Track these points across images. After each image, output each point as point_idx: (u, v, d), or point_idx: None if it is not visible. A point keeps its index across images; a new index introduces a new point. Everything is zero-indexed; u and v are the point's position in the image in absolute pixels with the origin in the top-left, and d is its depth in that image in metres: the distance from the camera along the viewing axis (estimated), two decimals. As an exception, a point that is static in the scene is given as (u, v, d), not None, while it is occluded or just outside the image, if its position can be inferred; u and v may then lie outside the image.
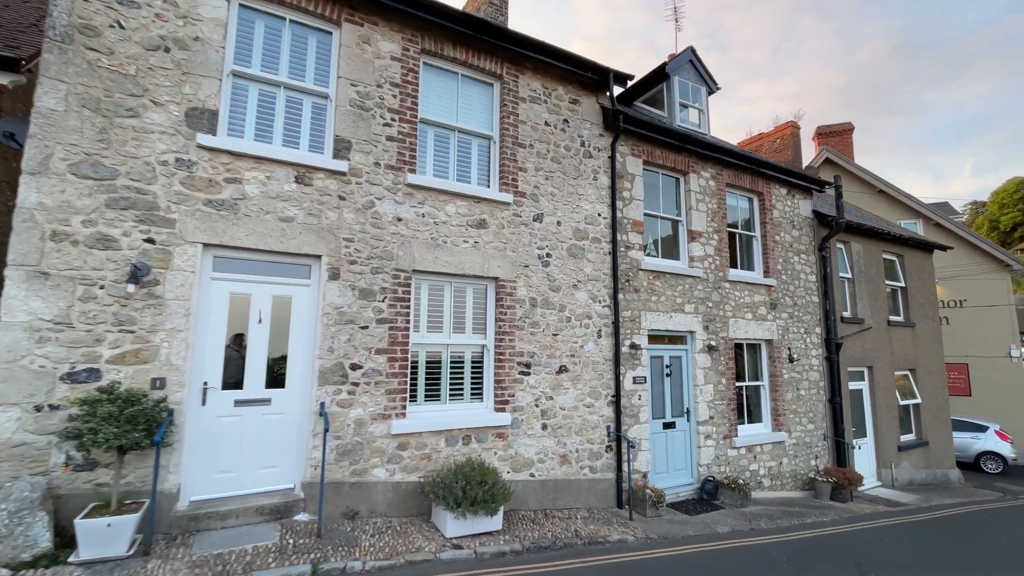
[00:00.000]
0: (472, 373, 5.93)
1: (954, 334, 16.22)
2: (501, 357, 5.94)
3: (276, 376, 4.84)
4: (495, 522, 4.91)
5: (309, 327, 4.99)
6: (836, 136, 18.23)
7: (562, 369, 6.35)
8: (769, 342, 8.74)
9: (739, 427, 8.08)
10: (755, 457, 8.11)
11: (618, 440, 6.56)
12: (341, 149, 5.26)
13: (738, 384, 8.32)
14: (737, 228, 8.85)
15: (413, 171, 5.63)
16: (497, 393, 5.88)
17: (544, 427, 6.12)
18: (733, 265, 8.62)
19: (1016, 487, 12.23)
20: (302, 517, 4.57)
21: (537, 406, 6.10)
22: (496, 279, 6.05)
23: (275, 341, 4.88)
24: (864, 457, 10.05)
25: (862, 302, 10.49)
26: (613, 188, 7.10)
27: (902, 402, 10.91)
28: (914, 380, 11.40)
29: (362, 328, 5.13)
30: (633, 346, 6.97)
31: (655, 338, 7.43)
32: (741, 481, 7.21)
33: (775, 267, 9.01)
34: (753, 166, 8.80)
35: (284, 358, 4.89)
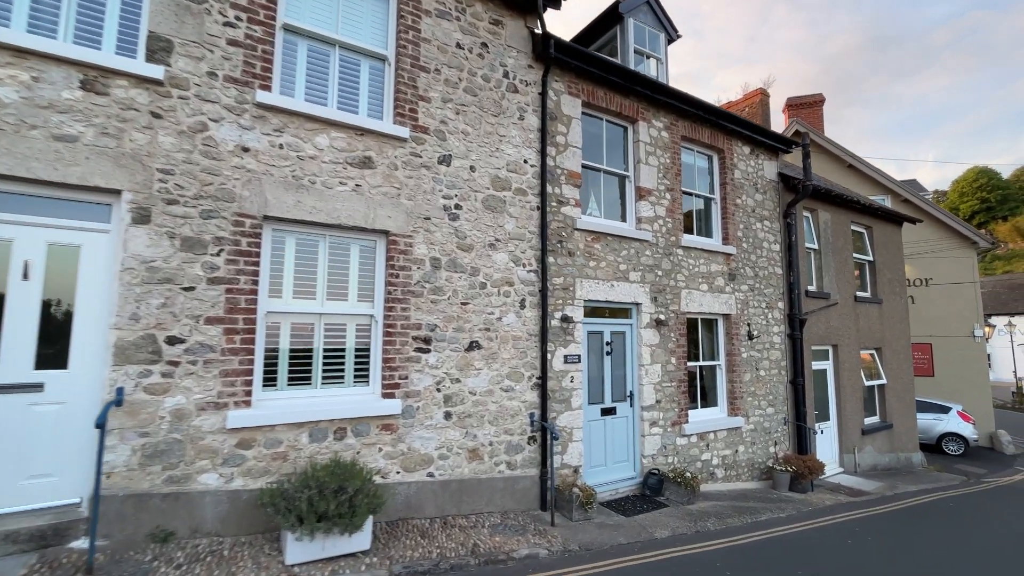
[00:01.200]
0: (357, 351, 4.74)
1: (919, 313, 15.81)
2: (392, 330, 4.76)
3: (53, 354, 3.55)
4: (360, 540, 3.79)
5: (107, 287, 3.69)
6: (806, 108, 17.45)
7: (473, 346, 5.21)
8: (727, 317, 7.81)
9: (690, 412, 7.15)
10: (708, 445, 7.21)
11: (543, 430, 5.51)
12: (157, 51, 3.91)
13: (690, 364, 7.37)
14: (693, 189, 7.82)
15: (268, 88, 4.33)
16: (386, 375, 4.71)
17: (448, 416, 4.99)
18: (688, 230, 7.60)
19: (977, 469, 11.83)
20: (80, 544, 3.35)
21: (439, 391, 4.97)
22: (386, 233, 4.83)
23: (52, 306, 3.58)
24: (826, 442, 9.34)
25: (828, 276, 9.69)
26: (544, 131, 5.92)
27: (867, 383, 10.23)
28: (880, 360, 10.75)
29: (185, 290, 3.86)
30: (565, 319, 5.89)
31: (594, 311, 6.37)
32: (689, 474, 6.28)
33: (735, 234, 8.04)
34: (713, 117, 7.74)
35: (66, 329, 3.60)
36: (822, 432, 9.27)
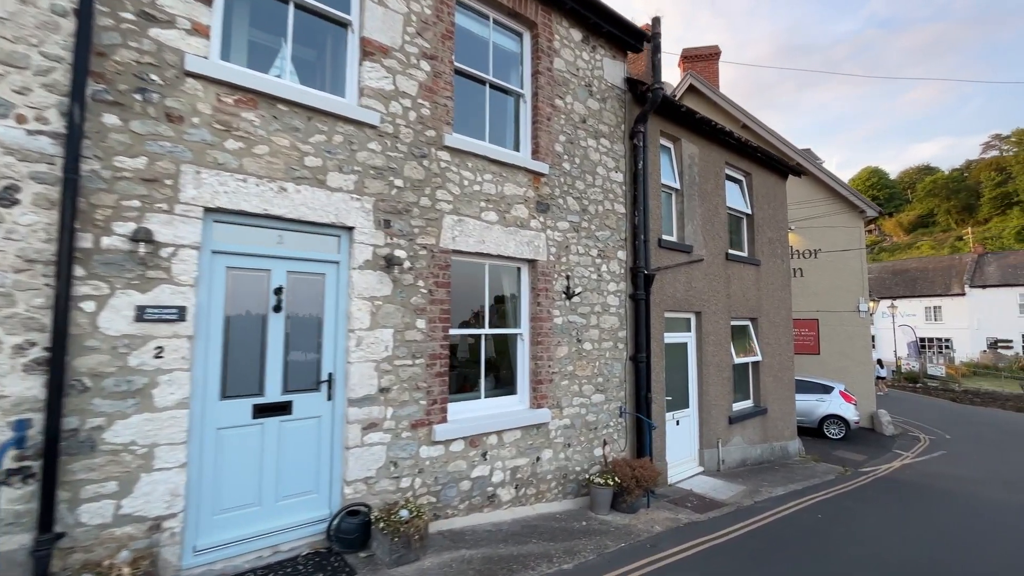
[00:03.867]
0: None
1: (807, 287, 14.73)
2: None
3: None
4: None
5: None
6: (702, 61, 15.77)
7: None
8: (532, 264, 5.36)
9: (452, 406, 4.62)
10: (485, 455, 4.73)
11: (47, 455, 2.67)
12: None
13: (462, 332, 4.85)
14: (484, 73, 5.24)
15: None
16: None
17: None
18: (466, 130, 5.01)
19: (855, 455, 10.59)
20: None
21: None
22: None
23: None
24: (684, 435, 7.31)
25: (692, 225, 7.61)
26: None
27: (737, 360, 8.39)
28: (755, 332, 8.98)
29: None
30: (141, 239, 3.04)
31: (243, 231, 3.59)
32: (406, 512, 3.70)
33: (551, 147, 5.59)
34: (513, -34, 5.19)
35: None
36: (678, 423, 7.22)
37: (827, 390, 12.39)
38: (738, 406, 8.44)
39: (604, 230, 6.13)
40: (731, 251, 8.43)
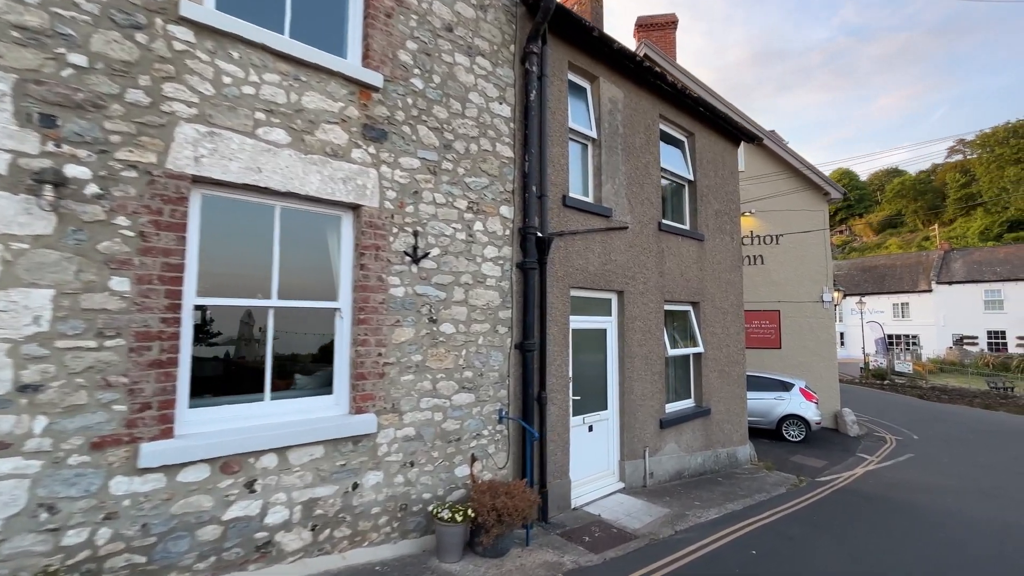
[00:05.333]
0: None
1: (768, 275, 13.56)
2: None
3: None
4: None
5: None
6: (658, 30, 14.49)
7: None
8: (356, 212, 3.83)
9: (196, 412, 3.06)
10: (252, 485, 3.16)
11: None
12: None
13: (213, 302, 3.29)
14: (283, -64, 3.68)
15: None
16: None
17: None
18: (245, 8, 3.44)
19: (814, 460, 9.37)
20: None
21: None
22: None
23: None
24: (599, 444, 5.88)
25: (613, 184, 6.19)
26: None
27: (672, 351, 7.00)
28: (697, 319, 7.62)
29: None
30: None
31: None
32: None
33: (392, 55, 4.06)
34: None
35: None
36: (591, 429, 5.78)
37: (787, 387, 11.18)
38: (674, 407, 7.05)
39: (479, 176, 4.64)
40: (666, 221, 7.04)
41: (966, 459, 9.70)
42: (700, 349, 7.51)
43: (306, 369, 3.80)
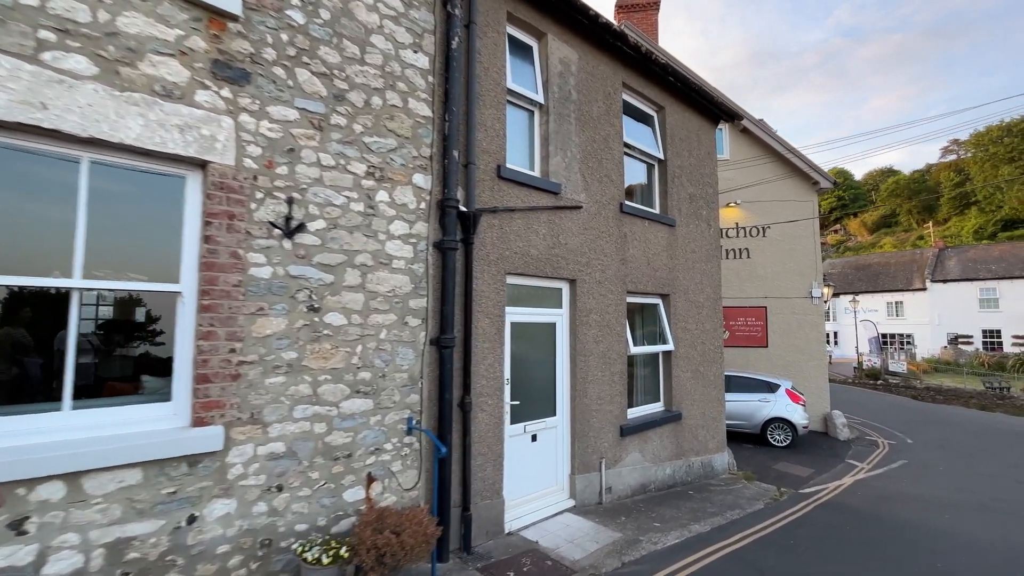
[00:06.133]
0: None
1: (755, 270, 12.81)
2: None
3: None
4: None
5: None
6: (639, 12, 13.76)
7: None
8: (203, 170, 3.02)
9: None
10: (22, 527, 2.35)
11: None
12: None
13: None
14: None
15: None
16: None
17: None
18: None
19: (800, 467, 8.62)
20: None
21: None
22: None
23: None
24: (544, 456, 5.08)
25: (564, 156, 5.40)
26: None
27: (636, 349, 6.21)
28: (667, 313, 6.84)
29: None
30: None
31: None
32: None
33: (260, -23, 3.26)
34: None
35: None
36: (534, 438, 4.99)
37: (772, 389, 10.42)
38: (638, 411, 6.27)
39: (385, 136, 3.84)
40: (629, 203, 6.26)
41: (963, 466, 8.97)
42: (670, 347, 6.73)
43: (142, 369, 2.99)
